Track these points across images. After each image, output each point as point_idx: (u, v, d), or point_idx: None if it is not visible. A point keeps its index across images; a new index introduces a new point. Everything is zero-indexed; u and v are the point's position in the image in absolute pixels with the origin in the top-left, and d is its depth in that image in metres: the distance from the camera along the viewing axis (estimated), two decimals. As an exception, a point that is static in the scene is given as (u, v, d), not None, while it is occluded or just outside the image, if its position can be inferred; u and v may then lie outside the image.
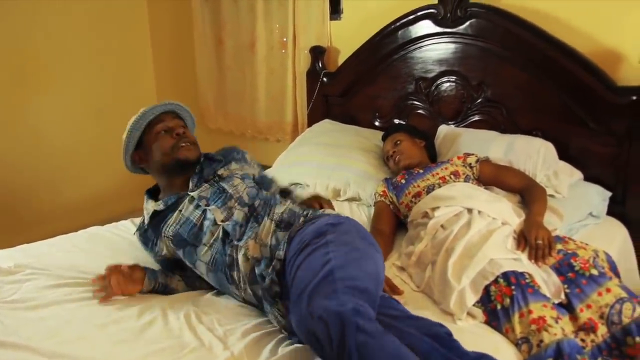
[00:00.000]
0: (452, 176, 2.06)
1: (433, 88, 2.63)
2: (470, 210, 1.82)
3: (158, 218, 1.63)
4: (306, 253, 1.32)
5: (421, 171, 2.15)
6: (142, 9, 3.91)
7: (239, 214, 1.54)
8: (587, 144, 2.26)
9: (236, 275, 1.49)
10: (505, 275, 1.55)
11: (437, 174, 2.09)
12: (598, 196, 2.17)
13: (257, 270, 1.43)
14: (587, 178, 2.23)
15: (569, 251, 1.70)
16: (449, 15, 2.45)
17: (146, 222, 1.67)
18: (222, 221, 1.53)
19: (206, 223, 1.55)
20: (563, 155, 2.25)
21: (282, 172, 2.71)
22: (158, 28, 3.94)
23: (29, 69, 3.33)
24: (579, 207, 2.10)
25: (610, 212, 2.19)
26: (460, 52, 2.51)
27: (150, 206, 1.66)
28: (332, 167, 2.52)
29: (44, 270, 1.71)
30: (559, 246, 1.72)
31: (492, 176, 2.12)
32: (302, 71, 3.09)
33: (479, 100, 2.50)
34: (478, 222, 1.76)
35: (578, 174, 2.21)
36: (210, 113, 3.66)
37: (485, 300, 1.56)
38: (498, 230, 1.73)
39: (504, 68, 2.41)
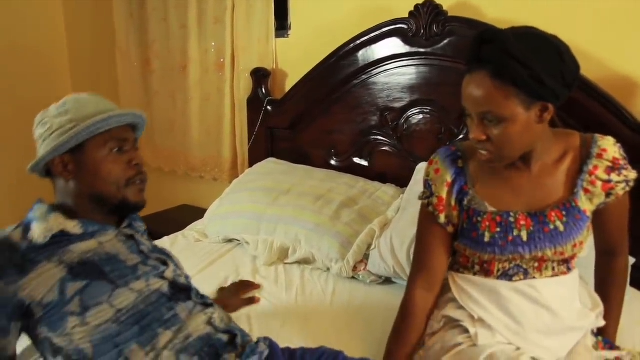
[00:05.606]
0: (564, 266, 1.28)
1: (402, 121, 2.23)
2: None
3: (58, 240, 1.25)
4: None
5: (542, 239, 1.20)
6: (59, 22, 3.54)
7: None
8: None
9: (166, 336, 1.22)
10: None
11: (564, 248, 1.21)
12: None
13: (214, 340, 1.25)
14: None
15: None
16: (422, 31, 2.07)
17: (40, 239, 1.21)
18: (173, 278, 1.31)
19: (144, 269, 1.29)
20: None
21: (214, 226, 2.23)
22: (76, 48, 3.60)
23: None
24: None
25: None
26: (436, 78, 2.13)
27: (57, 222, 1.26)
28: (276, 219, 2.08)
29: None
30: None
31: (613, 217, 1.29)
32: (243, 98, 2.79)
33: (460, 137, 2.09)
34: None
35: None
36: (134, 146, 3.25)
37: None
38: None
39: (491, 97, 1.99)
